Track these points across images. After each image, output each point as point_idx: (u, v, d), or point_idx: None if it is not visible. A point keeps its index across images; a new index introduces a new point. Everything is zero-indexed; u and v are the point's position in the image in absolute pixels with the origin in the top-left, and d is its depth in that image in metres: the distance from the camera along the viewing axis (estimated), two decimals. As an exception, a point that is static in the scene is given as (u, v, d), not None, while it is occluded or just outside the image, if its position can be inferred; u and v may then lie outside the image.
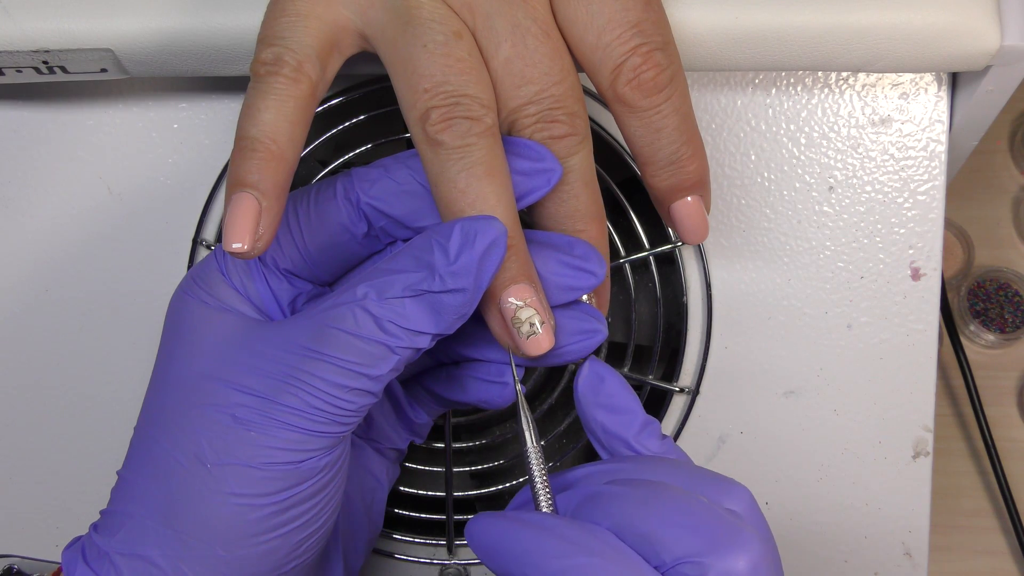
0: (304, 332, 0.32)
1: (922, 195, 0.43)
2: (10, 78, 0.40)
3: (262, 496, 0.32)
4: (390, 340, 0.31)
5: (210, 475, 0.32)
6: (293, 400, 0.31)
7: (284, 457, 0.32)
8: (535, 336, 0.32)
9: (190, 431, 0.32)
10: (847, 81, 0.42)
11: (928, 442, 0.45)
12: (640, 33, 0.32)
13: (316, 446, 0.32)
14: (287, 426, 0.31)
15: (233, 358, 0.33)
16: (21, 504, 0.48)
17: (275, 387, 0.32)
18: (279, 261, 0.35)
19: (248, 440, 0.32)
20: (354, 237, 0.35)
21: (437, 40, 0.31)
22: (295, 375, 0.31)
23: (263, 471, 0.32)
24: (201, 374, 0.33)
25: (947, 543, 0.64)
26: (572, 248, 0.33)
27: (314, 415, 0.31)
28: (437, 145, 0.31)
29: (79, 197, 0.44)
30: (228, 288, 0.35)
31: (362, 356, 0.31)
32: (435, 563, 0.47)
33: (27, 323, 0.46)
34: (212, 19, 0.38)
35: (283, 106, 0.31)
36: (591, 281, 0.33)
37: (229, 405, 0.32)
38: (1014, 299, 0.68)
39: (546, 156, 0.32)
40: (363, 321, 0.31)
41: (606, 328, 0.34)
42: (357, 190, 0.34)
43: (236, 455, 0.32)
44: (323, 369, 0.31)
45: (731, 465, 0.45)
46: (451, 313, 0.31)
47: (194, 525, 0.32)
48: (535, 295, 0.32)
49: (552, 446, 0.49)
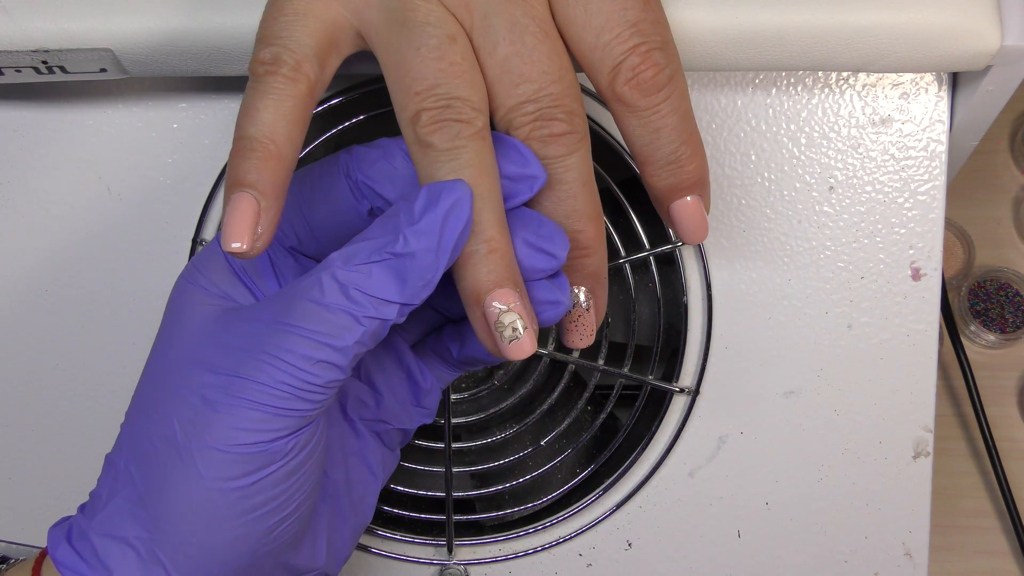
0: (276, 305, 0.32)
1: (922, 195, 0.43)
2: (10, 78, 0.40)
3: (231, 480, 0.32)
4: (355, 309, 0.31)
5: (180, 458, 0.32)
6: (259, 375, 0.31)
7: (249, 438, 0.31)
8: (517, 340, 0.32)
9: (163, 413, 0.33)
10: (847, 81, 0.42)
11: (928, 442, 0.45)
12: (639, 32, 0.32)
13: (282, 425, 0.32)
14: (252, 403, 0.31)
15: (209, 339, 0.33)
16: (20, 503, 0.48)
17: (241, 362, 0.32)
18: (284, 239, 0.35)
19: (215, 421, 0.31)
20: (359, 214, 0.35)
21: (430, 44, 0.31)
22: (262, 348, 0.31)
23: (229, 453, 0.31)
24: (179, 357, 0.33)
25: (947, 543, 0.64)
26: (539, 227, 0.33)
27: (279, 390, 0.31)
28: (427, 147, 0.31)
29: (79, 197, 0.44)
30: (227, 272, 0.35)
31: (327, 326, 0.31)
32: (435, 563, 0.47)
33: (27, 323, 0.46)
34: (212, 19, 0.38)
35: (281, 105, 0.31)
36: (551, 263, 0.33)
37: (199, 385, 0.32)
38: (1014, 299, 0.68)
39: (532, 162, 0.32)
40: (329, 289, 0.31)
41: (569, 300, 0.34)
42: (355, 169, 0.35)
43: (204, 437, 0.32)
44: (290, 341, 0.31)
45: (731, 465, 0.45)
46: (416, 278, 0.31)
47: (167, 508, 0.32)
48: (519, 299, 0.32)
49: (552, 446, 0.49)
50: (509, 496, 0.49)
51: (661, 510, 0.46)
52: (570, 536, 0.47)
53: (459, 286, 0.33)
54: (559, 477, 0.49)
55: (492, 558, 0.47)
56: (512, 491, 0.49)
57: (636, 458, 0.46)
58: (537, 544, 0.47)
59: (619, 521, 0.46)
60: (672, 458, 0.45)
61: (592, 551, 0.47)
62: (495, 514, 0.48)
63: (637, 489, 0.46)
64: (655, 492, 0.46)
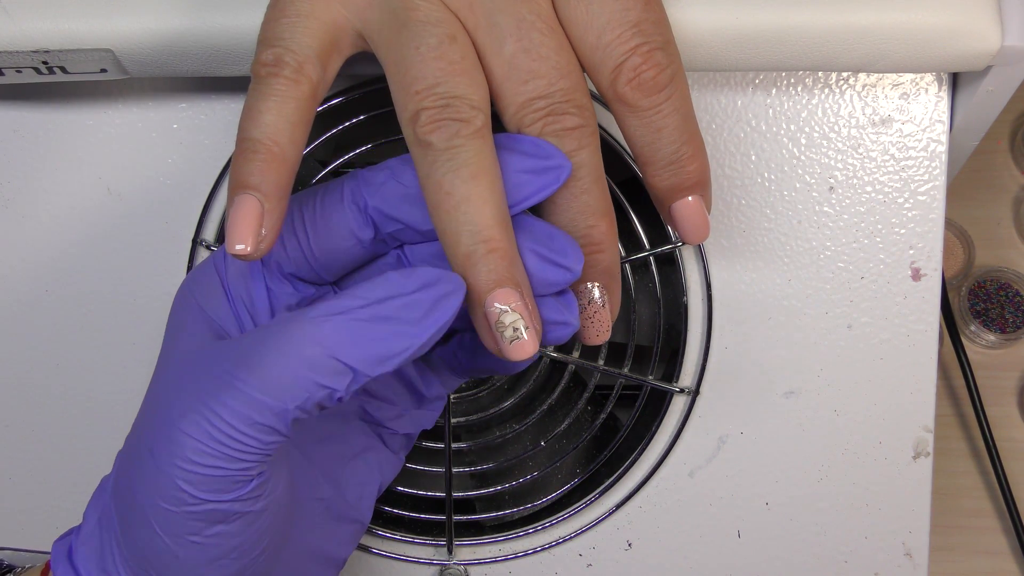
0: (238, 348, 0.31)
1: (922, 195, 0.43)
2: (10, 78, 0.40)
3: (185, 535, 0.31)
4: (309, 372, 0.30)
5: (137, 510, 0.32)
6: (194, 429, 0.30)
7: (190, 499, 0.30)
8: (519, 341, 0.31)
9: (131, 462, 0.32)
10: (847, 81, 0.42)
11: (928, 442, 0.45)
12: (640, 33, 0.32)
13: (219, 486, 0.30)
14: (186, 462, 0.30)
15: (173, 380, 0.32)
16: (20, 503, 0.48)
17: (183, 413, 0.30)
18: (283, 265, 0.35)
19: (159, 478, 0.31)
20: (360, 242, 0.34)
21: (430, 43, 0.31)
22: (204, 399, 0.30)
23: (175, 511, 0.31)
24: (154, 390, 0.33)
25: (947, 543, 0.64)
26: (550, 240, 0.32)
27: (210, 449, 0.30)
28: (426, 146, 0.31)
29: (79, 197, 0.44)
30: (221, 297, 0.35)
31: (271, 385, 0.29)
32: (435, 563, 0.47)
33: (27, 323, 0.46)
34: (212, 19, 0.38)
35: (284, 107, 0.31)
36: (564, 277, 0.32)
37: (153, 435, 0.31)
38: (1015, 299, 0.68)
39: (555, 153, 0.32)
40: (289, 341, 0.30)
41: (577, 321, 0.33)
42: (364, 194, 0.34)
43: (152, 491, 0.31)
44: (230, 395, 0.30)
45: (731, 465, 0.45)
46: (382, 348, 0.30)
47: (142, 552, 0.32)
48: (520, 300, 0.31)
49: (552, 446, 0.49)
50: (509, 496, 0.49)
51: (661, 510, 0.46)
52: (570, 536, 0.47)
53: None
54: (559, 477, 0.49)
55: (492, 558, 0.47)
56: (512, 491, 0.49)
57: (636, 458, 0.46)
58: (537, 544, 0.47)
59: (619, 521, 0.46)
60: (672, 458, 0.45)
61: (592, 551, 0.47)
62: (495, 514, 0.48)
63: (637, 489, 0.46)
64: (655, 492, 0.46)
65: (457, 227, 0.31)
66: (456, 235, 0.31)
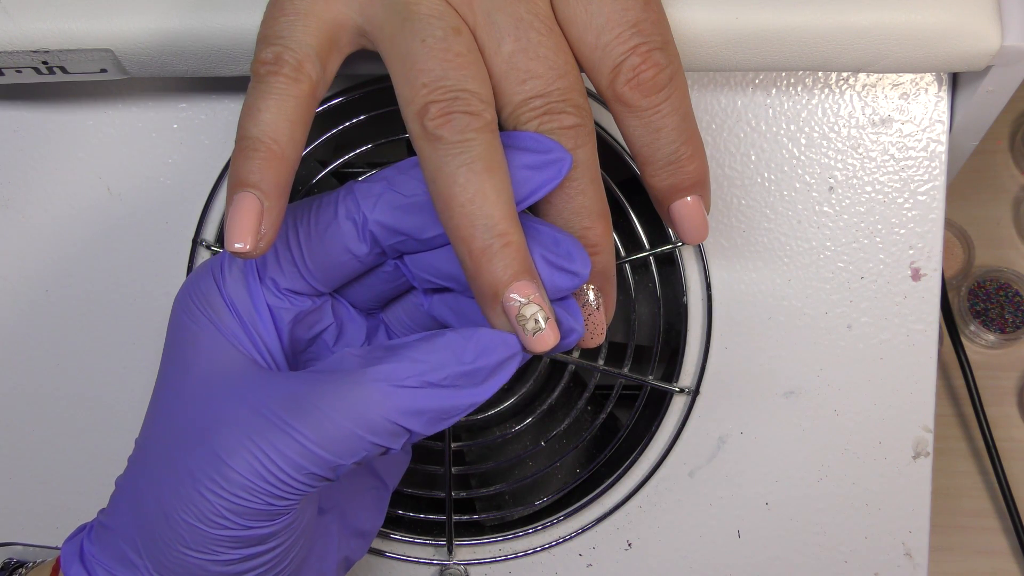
0: (284, 394, 0.31)
1: (922, 195, 0.43)
2: (10, 78, 0.40)
3: (216, 554, 0.32)
4: (369, 434, 0.31)
5: (168, 526, 0.32)
6: (243, 467, 0.31)
7: (228, 524, 0.31)
8: (540, 332, 0.31)
9: (159, 476, 0.33)
10: (847, 81, 0.42)
11: (928, 442, 0.45)
12: (639, 33, 0.32)
13: (257, 520, 0.32)
14: (231, 494, 0.31)
15: (211, 401, 0.33)
16: (20, 503, 0.48)
17: (228, 444, 0.31)
18: (279, 281, 0.35)
19: (198, 500, 0.31)
20: (355, 257, 0.34)
21: (436, 35, 0.31)
22: (255, 440, 0.31)
23: (212, 531, 0.32)
24: (184, 415, 0.33)
25: (947, 543, 0.64)
26: (557, 245, 0.32)
27: (259, 488, 0.31)
28: (436, 140, 0.31)
29: (79, 197, 0.44)
30: (225, 311, 0.35)
31: (332, 444, 0.31)
32: (435, 563, 0.47)
33: (27, 323, 0.46)
34: (212, 19, 0.38)
35: (284, 105, 0.31)
36: (573, 281, 0.32)
37: (192, 458, 0.32)
38: (1014, 299, 0.68)
39: (554, 147, 0.32)
40: (355, 403, 0.30)
41: (582, 327, 0.33)
42: (362, 209, 0.33)
43: (189, 511, 0.32)
44: (283, 442, 0.31)
45: (731, 465, 0.45)
46: (438, 416, 0.31)
47: (163, 567, 0.33)
48: (537, 291, 0.31)
49: (552, 446, 0.49)
50: (509, 496, 0.49)
51: (661, 510, 0.46)
52: (570, 536, 0.47)
53: (474, 284, 0.32)
54: (559, 477, 0.49)
55: (492, 558, 0.47)
56: (512, 491, 0.49)
57: (636, 458, 0.46)
58: (537, 544, 0.47)
59: (619, 521, 0.46)
60: (672, 458, 0.45)
61: (592, 551, 0.47)
62: (495, 514, 0.48)
63: (637, 489, 0.46)
64: (655, 492, 0.46)
65: (471, 222, 0.30)
66: (471, 229, 0.31)
